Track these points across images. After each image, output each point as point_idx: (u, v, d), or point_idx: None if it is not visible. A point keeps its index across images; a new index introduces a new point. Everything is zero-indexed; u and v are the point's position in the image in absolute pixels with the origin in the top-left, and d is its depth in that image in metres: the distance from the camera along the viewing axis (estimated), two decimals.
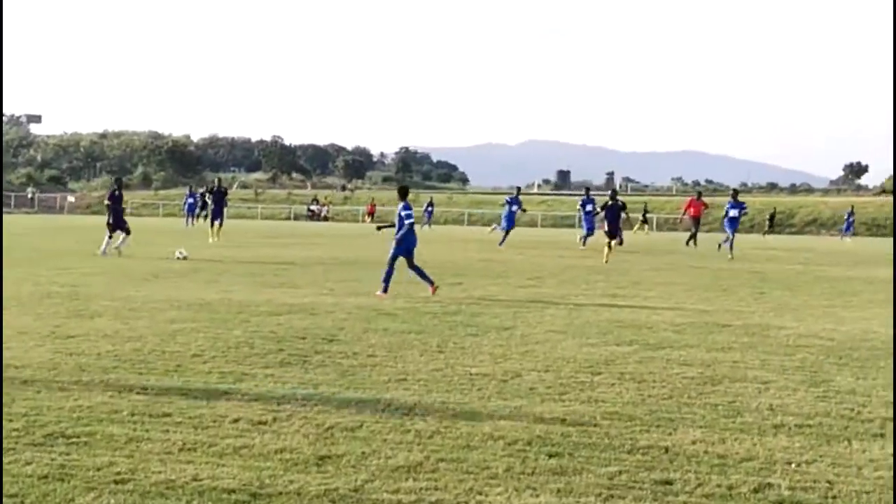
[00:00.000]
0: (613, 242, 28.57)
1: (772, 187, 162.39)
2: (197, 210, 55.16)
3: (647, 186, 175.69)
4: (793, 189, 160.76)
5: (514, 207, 38.41)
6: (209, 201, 36.12)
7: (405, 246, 17.84)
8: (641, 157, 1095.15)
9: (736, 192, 35.15)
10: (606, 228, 28.87)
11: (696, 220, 39.75)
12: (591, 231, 37.87)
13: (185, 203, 58.88)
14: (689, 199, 43.25)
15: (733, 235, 32.60)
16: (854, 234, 61.39)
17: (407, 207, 17.75)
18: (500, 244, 37.19)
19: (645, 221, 66.03)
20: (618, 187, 62.46)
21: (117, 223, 27.93)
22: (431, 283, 17.63)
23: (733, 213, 33.28)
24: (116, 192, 29.04)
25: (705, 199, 41.00)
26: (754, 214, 71.74)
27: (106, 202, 29.28)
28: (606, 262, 27.28)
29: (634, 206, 77.30)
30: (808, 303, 17.53)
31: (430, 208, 69.07)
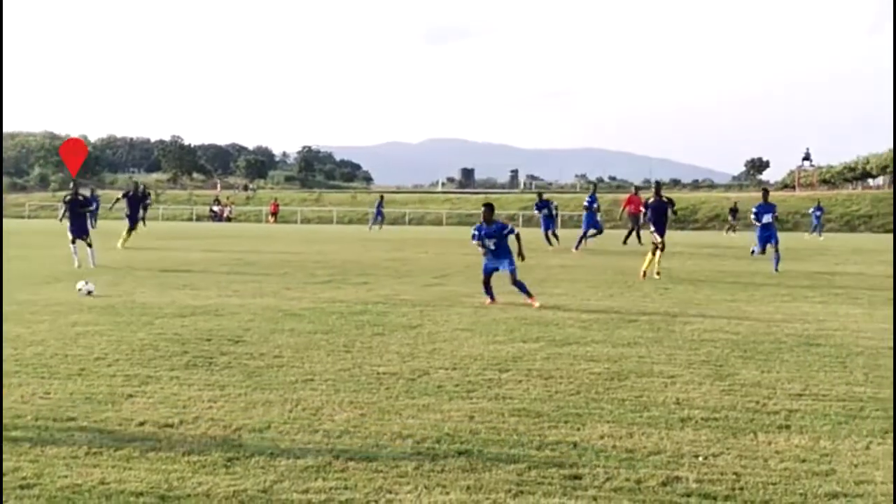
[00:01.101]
0: (658, 243, 22.89)
1: (675, 183, 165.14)
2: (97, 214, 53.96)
3: (550, 184, 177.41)
4: (696, 185, 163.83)
5: (595, 205, 35.29)
6: (124, 205, 33.47)
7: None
8: (544, 154, 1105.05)
9: (766, 192, 27.72)
10: (653, 228, 23.40)
11: (636, 217, 37.27)
12: (599, 230, 35.71)
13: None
14: (627, 195, 40.81)
15: (777, 245, 25.40)
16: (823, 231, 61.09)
17: (477, 227, 16.63)
18: (576, 248, 33.70)
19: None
20: (521, 185, 61.52)
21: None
22: (529, 294, 16.31)
23: (767, 218, 25.94)
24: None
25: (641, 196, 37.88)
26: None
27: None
28: (658, 273, 22.32)
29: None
30: (712, 297, 17.88)
31: (380, 208, 66.98)
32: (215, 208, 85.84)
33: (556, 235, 36.91)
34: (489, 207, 16.53)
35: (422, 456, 6.83)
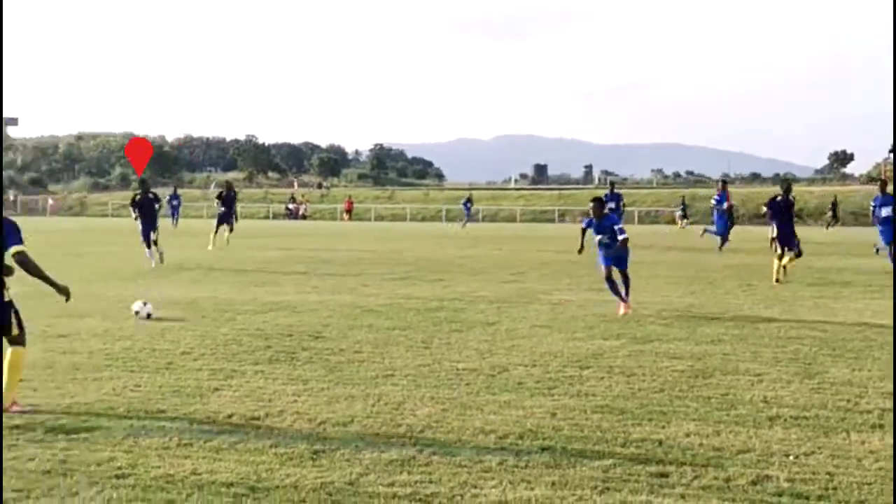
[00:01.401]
0: (788, 250, 19.98)
1: (754, 177, 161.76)
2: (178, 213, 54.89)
3: (625, 179, 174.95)
4: (776, 179, 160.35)
5: (724, 205, 31.94)
6: (217, 206, 32.22)
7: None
8: (619, 149, 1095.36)
9: (884, 183, 24.83)
10: (775, 234, 20.35)
11: (730, 213, 33.36)
12: (726, 231, 31.78)
13: (168, 203, 58.16)
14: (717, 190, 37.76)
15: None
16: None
17: (587, 221, 15.52)
18: (720, 248, 31.14)
19: (685, 216, 63.96)
20: (596, 180, 58.72)
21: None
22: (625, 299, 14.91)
23: (886, 211, 23.08)
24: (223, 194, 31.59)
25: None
26: (737, 205, 71.68)
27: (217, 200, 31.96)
28: (779, 280, 19.64)
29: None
30: (798, 294, 17.51)
31: (468, 204, 65.19)
32: (291, 206, 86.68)
33: None
34: (597, 202, 15.40)
35: (505, 451, 6.84)
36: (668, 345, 11.57)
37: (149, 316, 16.76)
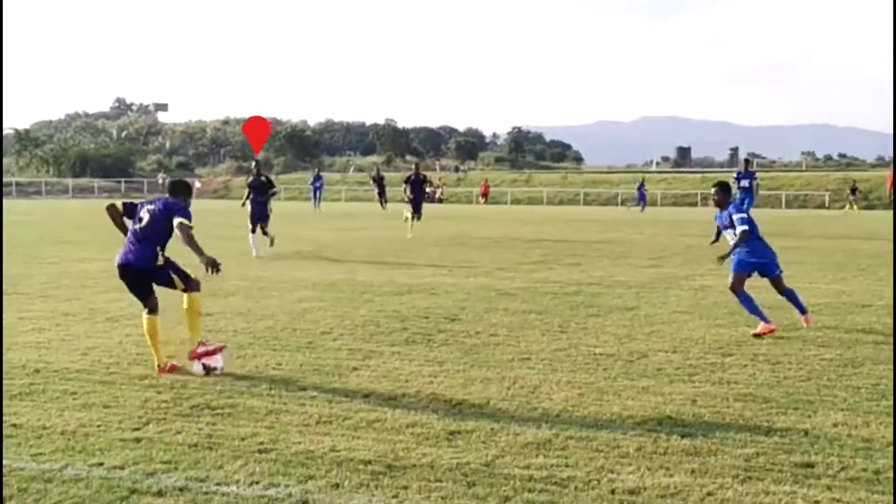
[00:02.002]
0: None
1: None
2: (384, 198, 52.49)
3: (773, 162, 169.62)
4: None
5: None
6: (406, 191, 30.11)
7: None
8: (766, 131, 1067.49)
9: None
10: None
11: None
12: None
13: (311, 185, 58.48)
14: (888, 173, 34.70)
15: None
16: None
17: (738, 209, 11.83)
18: None
19: (856, 200, 61.17)
20: (742, 163, 56.28)
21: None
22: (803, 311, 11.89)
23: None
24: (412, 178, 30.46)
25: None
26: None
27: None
28: None
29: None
30: None
31: (642, 188, 63.72)
32: (428, 189, 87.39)
33: None
34: (721, 187, 12.07)
35: (643, 437, 6.74)
36: (815, 333, 11.20)
37: (214, 370, 16.86)
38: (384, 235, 29.57)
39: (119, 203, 9.44)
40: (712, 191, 12.20)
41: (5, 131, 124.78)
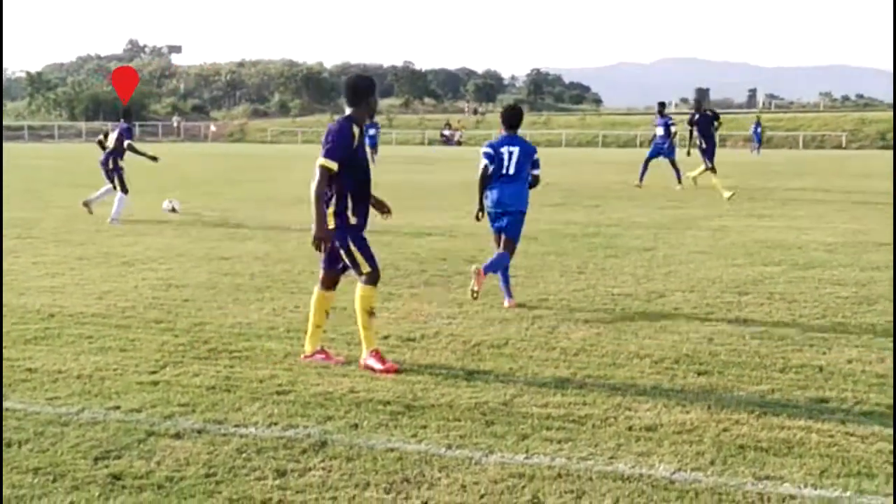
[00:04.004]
0: None
1: None
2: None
3: (791, 103, 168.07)
4: None
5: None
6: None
7: None
8: (786, 71, 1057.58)
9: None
10: None
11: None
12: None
13: (365, 134, 53.40)
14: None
15: None
16: None
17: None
18: None
19: None
20: (760, 105, 54.26)
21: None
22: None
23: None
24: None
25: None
26: None
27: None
28: None
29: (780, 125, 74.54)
30: None
31: (758, 128, 59.55)
32: (446, 132, 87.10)
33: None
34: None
35: (660, 375, 6.79)
36: (831, 271, 11.20)
37: (174, 210, 17.53)
38: (403, 179, 29.55)
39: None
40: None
41: (16, 74, 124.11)
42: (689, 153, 22.20)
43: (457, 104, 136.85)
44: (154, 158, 18.42)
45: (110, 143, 18.08)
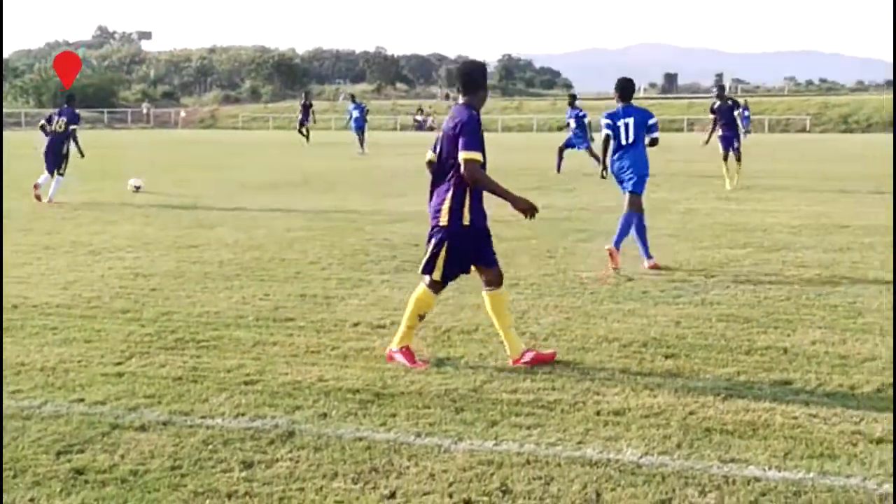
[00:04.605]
0: None
1: (889, 85, 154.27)
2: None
3: (757, 87, 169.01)
4: None
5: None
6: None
7: None
8: (752, 58, 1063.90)
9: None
10: None
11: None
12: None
13: (352, 121, 39.95)
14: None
15: None
16: None
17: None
18: None
19: None
20: (727, 89, 55.01)
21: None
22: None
23: None
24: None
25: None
26: (871, 113, 69.27)
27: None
28: None
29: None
30: None
31: (745, 110, 59.44)
32: (419, 118, 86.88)
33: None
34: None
35: (628, 359, 6.83)
36: (795, 253, 11.31)
37: (138, 188, 18.38)
38: (376, 164, 29.49)
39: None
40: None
41: None
42: (707, 142, 21.76)
43: (429, 89, 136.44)
44: (82, 154, 18.92)
45: (59, 127, 18.40)
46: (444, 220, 6.76)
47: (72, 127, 18.41)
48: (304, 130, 43.42)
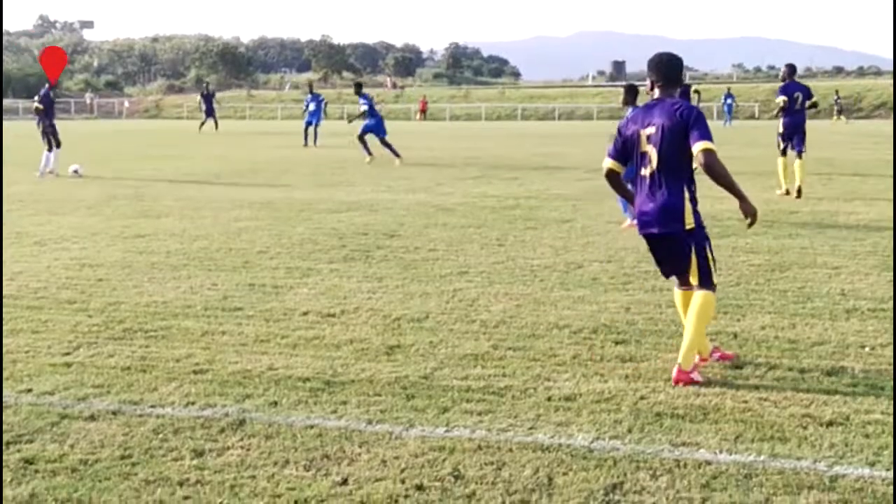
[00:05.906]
0: None
1: (837, 71, 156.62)
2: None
3: (706, 74, 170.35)
4: (861, 72, 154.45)
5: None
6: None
7: None
8: (699, 44, 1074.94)
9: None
10: None
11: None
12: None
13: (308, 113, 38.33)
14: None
15: None
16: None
17: None
18: None
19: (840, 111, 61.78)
20: None
21: None
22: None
23: None
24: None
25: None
26: (817, 99, 70.07)
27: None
28: None
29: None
30: (878, 187, 17.15)
31: (729, 99, 59.73)
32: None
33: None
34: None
35: (579, 346, 6.85)
36: (744, 239, 11.40)
37: (76, 172, 20.06)
38: (323, 154, 29.35)
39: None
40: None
41: None
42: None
43: (376, 78, 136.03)
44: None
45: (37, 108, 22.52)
46: (689, 222, 6.37)
47: (35, 104, 22.71)
48: (214, 120, 45.24)
